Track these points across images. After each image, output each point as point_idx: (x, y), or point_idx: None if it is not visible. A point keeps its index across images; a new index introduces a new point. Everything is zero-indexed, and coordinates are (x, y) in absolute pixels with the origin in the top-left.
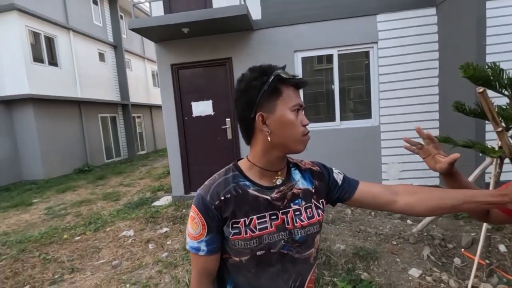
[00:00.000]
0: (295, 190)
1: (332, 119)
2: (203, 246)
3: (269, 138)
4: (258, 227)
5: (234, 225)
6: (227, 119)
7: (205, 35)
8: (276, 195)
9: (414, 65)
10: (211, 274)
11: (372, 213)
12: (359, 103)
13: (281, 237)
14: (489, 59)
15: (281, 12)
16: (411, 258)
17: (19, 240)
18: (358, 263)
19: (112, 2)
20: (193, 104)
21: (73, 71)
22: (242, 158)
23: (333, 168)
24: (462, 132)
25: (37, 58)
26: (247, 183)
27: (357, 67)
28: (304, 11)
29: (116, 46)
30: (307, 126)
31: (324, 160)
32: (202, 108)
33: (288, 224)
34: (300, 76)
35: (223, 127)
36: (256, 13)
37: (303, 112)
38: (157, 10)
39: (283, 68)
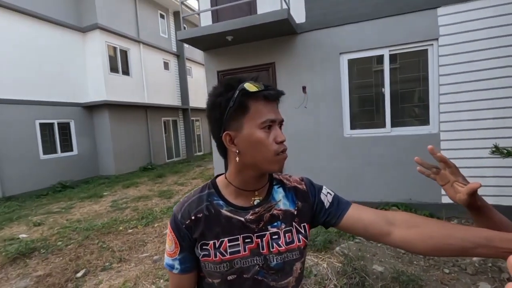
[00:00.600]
0: (274, 212)
1: (382, 125)
2: (176, 264)
3: (237, 159)
4: (229, 250)
5: (204, 247)
6: None
7: (249, 42)
8: (250, 217)
9: (485, 63)
10: None
11: None
12: (414, 108)
13: (255, 262)
14: None
15: (326, 13)
16: None
17: (86, 227)
18: None
19: (176, 14)
20: None
21: (142, 79)
22: (222, 174)
23: (324, 187)
24: None
25: (113, 69)
26: (221, 202)
27: (412, 68)
28: (351, 10)
29: (179, 55)
30: (284, 142)
31: (369, 172)
32: None
33: (263, 249)
34: (277, 87)
35: None
36: (300, 17)
37: (279, 127)
38: (206, 20)
39: (255, 78)
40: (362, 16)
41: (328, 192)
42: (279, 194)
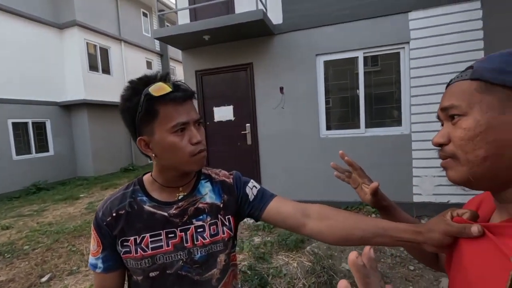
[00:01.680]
0: (200, 205)
1: (357, 126)
2: (99, 263)
3: (154, 162)
4: (150, 245)
5: (124, 243)
6: (247, 125)
7: (226, 42)
8: (174, 211)
9: (453, 66)
10: None
11: None
12: (387, 109)
13: (179, 257)
14: None
15: (302, 15)
16: (429, 286)
17: (57, 230)
18: None
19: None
20: (215, 109)
21: (123, 78)
22: (150, 172)
23: (251, 181)
24: None
25: (93, 67)
26: (144, 198)
27: (385, 70)
28: (327, 12)
29: (162, 55)
30: (201, 142)
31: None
32: (223, 113)
33: (187, 242)
34: (187, 85)
35: (242, 132)
36: (277, 18)
37: (193, 127)
38: (184, 18)
39: (163, 77)
40: (337, 18)
41: (254, 186)
42: (205, 188)
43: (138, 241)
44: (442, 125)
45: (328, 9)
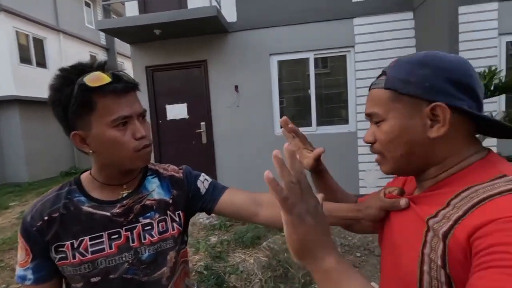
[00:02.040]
0: (147, 202)
1: (309, 124)
2: (29, 274)
3: (93, 159)
4: (90, 249)
5: (59, 249)
6: (201, 123)
7: (179, 37)
8: (118, 210)
9: None
10: None
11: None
12: (336, 108)
13: (124, 259)
14: None
15: (256, 14)
16: (373, 272)
17: None
18: None
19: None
20: (168, 107)
21: None
22: (88, 170)
23: (202, 175)
24: None
25: (25, 59)
26: (82, 198)
27: (334, 72)
28: (280, 14)
29: (109, 49)
30: (146, 137)
31: None
32: (176, 111)
33: (133, 242)
34: (130, 75)
35: (197, 131)
36: (231, 16)
37: (137, 121)
38: (133, 10)
39: (100, 66)
40: (290, 20)
41: (205, 179)
42: (152, 184)
43: (75, 246)
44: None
45: (280, 11)
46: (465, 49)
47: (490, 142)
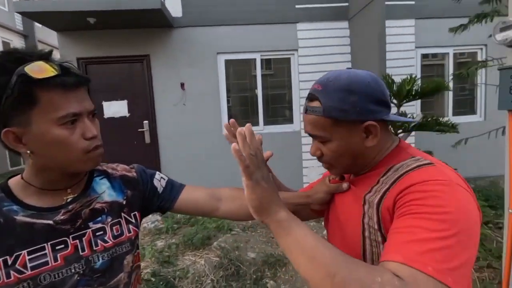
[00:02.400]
0: (97, 205)
1: (256, 123)
2: None
3: (31, 161)
4: (30, 264)
5: None
6: (144, 122)
7: (119, 28)
8: (62, 217)
9: None
10: None
11: None
12: (281, 109)
13: (74, 270)
14: (388, 71)
15: (203, 11)
16: None
17: None
18: (267, 271)
19: None
20: (105, 104)
21: None
22: (17, 175)
23: (157, 173)
24: None
25: None
26: (15, 207)
27: (279, 73)
28: (227, 13)
29: (27, 36)
30: (97, 137)
31: None
32: (115, 108)
33: (83, 251)
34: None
35: (140, 130)
36: (176, 11)
37: (87, 120)
38: None
39: (45, 55)
40: (237, 20)
41: (161, 177)
42: (102, 185)
43: (9, 263)
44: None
45: (226, 10)
46: (390, 58)
47: (409, 140)
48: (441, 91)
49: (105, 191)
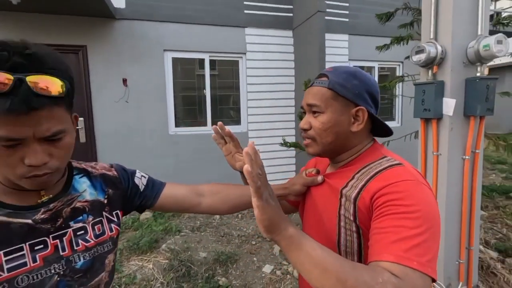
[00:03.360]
0: (78, 204)
1: (204, 124)
2: None
3: None
4: (6, 266)
5: None
6: (80, 119)
7: (49, 13)
8: (43, 216)
9: (276, 78)
10: None
11: (239, 215)
12: (230, 110)
13: (53, 271)
14: None
15: (149, 5)
16: (266, 256)
17: None
18: (218, 268)
19: None
20: None
21: None
22: None
23: (137, 171)
24: None
25: None
26: None
27: (228, 74)
28: (175, 10)
29: None
30: (44, 165)
31: (195, 166)
32: None
33: (64, 251)
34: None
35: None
36: (119, 0)
37: (36, 144)
38: None
39: (3, 58)
40: (186, 18)
41: (142, 175)
42: (82, 184)
43: None
44: (304, 113)
45: (176, 6)
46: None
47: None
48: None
49: (86, 190)
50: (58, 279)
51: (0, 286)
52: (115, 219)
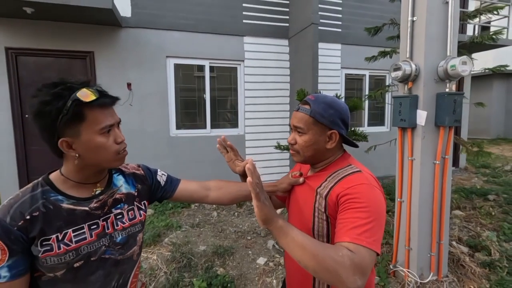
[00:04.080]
0: (117, 196)
1: (204, 126)
2: (3, 272)
3: (76, 162)
4: (74, 239)
5: (44, 243)
6: None
7: (59, 21)
8: (95, 205)
9: (272, 85)
10: None
11: (236, 213)
12: (228, 113)
13: (102, 243)
14: (320, 86)
15: (153, 14)
16: (260, 249)
17: None
18: (216, 260)
19: None
20: None
21: None
22: (55, 170)
23: (158, 170)
24: None
25: None
26: (60, 197)
27: (227, 80)
28: (177, 18)
29: None
30: (123, 141)
31: (194, 167)
32: None
33: (108, 229)
34: (107, 91)
35: None
36: (125, 10)
37: (117, 128)
38: None
39: (86, 83)
40: (188, 27)
41: (162, 173)
42: (119, 181)
43: (60, 238)
44: (291, 130)
45: (178, 15)
46: (321, 75)
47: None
48: (358, 109)
49: (122, 185)
50: (105, 249)
51: (70, 253)
52: (143, 207)
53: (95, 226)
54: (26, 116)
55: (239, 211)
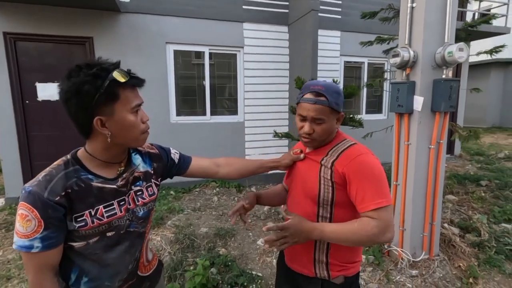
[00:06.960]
0: (136, 174)
1: (203, 113)
2: (36, 243)
3: (109, 140)
4: (105, 214)
5: (78, 219)
6: None
7: (58, 5)
8: (121, 183)
9: (271, 72)
10: (52, 269)
11: (236, 198)
12: (227, 100)
13: (127, 217)
14: (319, 74)
15: (152, 0)
16: (260, 231)
17: None
18: (218, 241)
19: None
20: (39, 85)
21: None
22: (80, 149)
23: (171, 148)
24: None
25: None
26: (90, 176)
27: (226, 67)
28: (177, 4)
29: None
30: (147, 122)
31: (195, 152)
32: (51, 91)
33: (130, 205)
34: (136, 74)
35: None
36: None
37: (142, 108)
38: None
39: (117, 65)
40: (187, 12)
41: (175, 152)
42: (137, 160)
43: (93, 213)
44: (302, 120)
45: (174, 0)
46: (321, 62)
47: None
48: (355, 95)
49: (140, 164)
50: (129, 222)
51: (103, 226)
52: (158, 183)
53: (123, 202)
54: (27, 102)
55: (240, 196)
